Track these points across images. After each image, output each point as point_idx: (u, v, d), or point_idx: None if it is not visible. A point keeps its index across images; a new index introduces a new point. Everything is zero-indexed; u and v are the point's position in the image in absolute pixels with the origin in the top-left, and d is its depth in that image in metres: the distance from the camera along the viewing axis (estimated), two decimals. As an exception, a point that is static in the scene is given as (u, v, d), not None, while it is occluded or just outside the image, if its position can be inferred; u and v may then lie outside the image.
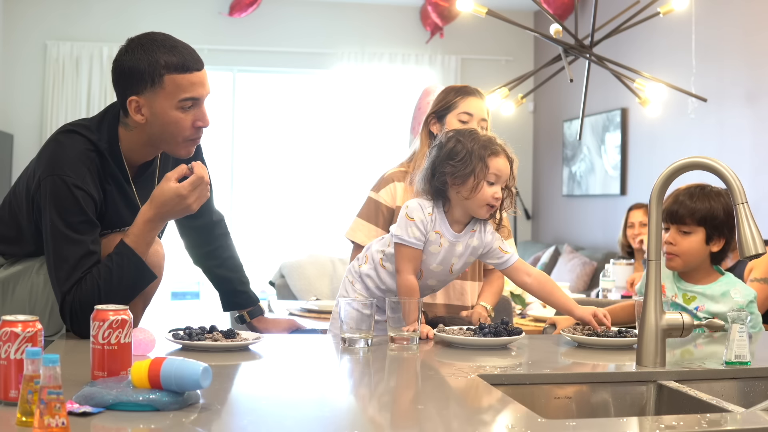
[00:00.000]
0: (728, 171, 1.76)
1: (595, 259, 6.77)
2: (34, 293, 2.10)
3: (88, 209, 2.01)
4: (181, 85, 2.02)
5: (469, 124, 2.63)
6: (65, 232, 1.99)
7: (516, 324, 3.39)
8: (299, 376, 1.75)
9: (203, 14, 8.00)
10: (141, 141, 2.11)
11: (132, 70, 2.02)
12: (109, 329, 1.52)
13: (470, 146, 2.22)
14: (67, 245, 1.99)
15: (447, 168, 2.22)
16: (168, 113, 2.03)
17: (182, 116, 2.05)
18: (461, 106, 2.67)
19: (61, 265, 1.99)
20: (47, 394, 1.16)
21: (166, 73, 2.00)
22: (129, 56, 2.03)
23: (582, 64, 4.84)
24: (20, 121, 7.74)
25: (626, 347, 2.07)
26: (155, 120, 2.05)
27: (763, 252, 1.72)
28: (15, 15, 7.76)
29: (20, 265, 2.14)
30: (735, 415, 1.46)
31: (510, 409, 1.45)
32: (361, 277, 2.35)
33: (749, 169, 5.35)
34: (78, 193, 2.00)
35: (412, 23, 8.35)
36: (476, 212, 2.26)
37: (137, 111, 2.04)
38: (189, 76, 2.03)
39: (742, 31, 5.54)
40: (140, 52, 2.02)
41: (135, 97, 2.03)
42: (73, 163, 2.02)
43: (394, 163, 2.86)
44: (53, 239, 2.01)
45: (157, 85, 2.01)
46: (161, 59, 2.01)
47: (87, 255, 2.00)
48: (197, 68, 2.05)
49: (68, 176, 2.00)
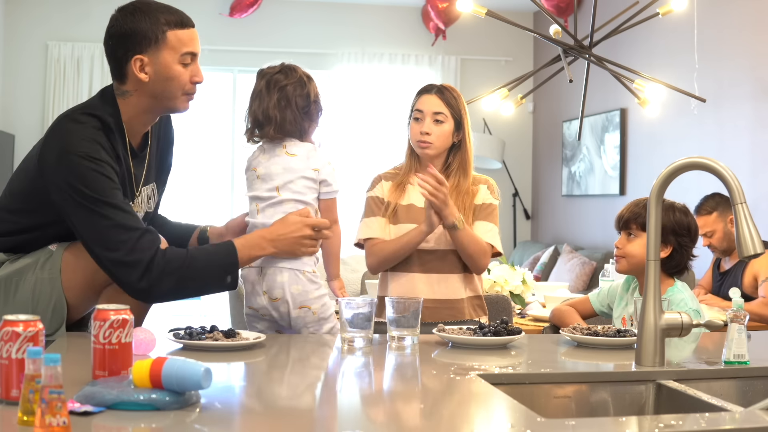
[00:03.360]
0: (727, 171, 1.77)
1: (594, 259, 6.77)
2: (37, 289, 2.11)
3: (111, 176, 2.05)
4: (182, 39, 2.13)
5: (421, 121, 2.74)
6: (103, 200, 2.00)
7: (516, 324, 3.39)
8: (299, 375, 1.76)
9: (203, 15, 8.00)
10: (140, 106, 2.16)
11: (134, 31, 2.10)
12: (110, 329, 1.52)
13: (312, 86, 2.41)
14: (111, 211, 2.00)
15: (312, 107, 2.41)
16: (171, 67, 2.12)
17: (183, 70, 2.14)
18: (415, 105, 2.79)
19: (119, 231, 2.00)
20: (48, 394, 1.16)
21: (168, 29, 2.11)
22: (128, 19, 2.12)
23: (581, 65, 4.84)
24: (21, 121, 7.75)
25: (625, 347, 2.08)
26: (158, 76, 2.12)
27: (761, 252, 1.72)
28: (16, 16, 7.76)
29: (24, 261, 2.14)
30: (734, 415, 1.47)
31: (510, 408, 1.45)
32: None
33: (748, 170, 5.36)
34: (101, 164, 2.03)
35: (413, 24, 8.35)
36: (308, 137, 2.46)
37: (141, 70, 2.11)
38: (188, 32, 2.15)
39: (741, 31, 5.55)
40: (139, 15, 2.11)
41: (140, 56, 2.10)
42: (88, 140, 2.05)
43: (394, 163, 2.92)
44: (91, 212, 2.00)
45: (161, 42, 2.11)
46: (161, 18, 2.11)
47: (133, 214, 2.05)
48: (192, 25, 2.18)
49: (86, 150, 2.02)
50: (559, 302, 3.22)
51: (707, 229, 4.20)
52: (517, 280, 4.04)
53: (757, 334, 2.37)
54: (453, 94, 2.77)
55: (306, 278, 2.34)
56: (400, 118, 7.78)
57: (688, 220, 2.67)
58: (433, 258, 2.71)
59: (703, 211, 4.23)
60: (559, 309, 2.97)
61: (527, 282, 4.07)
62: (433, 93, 2.77)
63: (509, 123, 7.69)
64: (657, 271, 1.86)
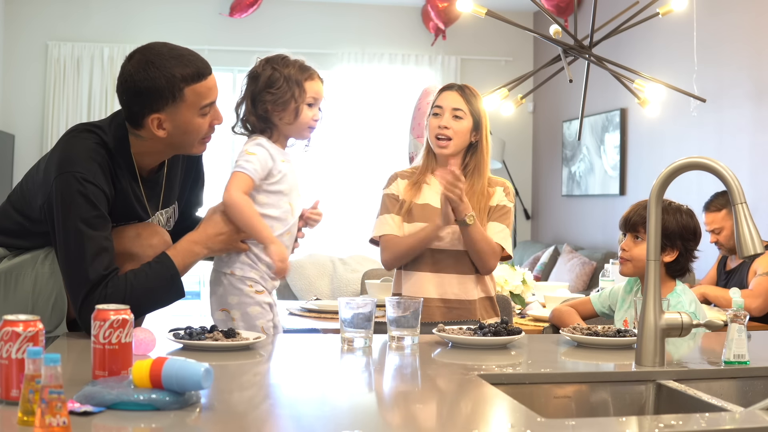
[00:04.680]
0: (727, 171, 1.77)
1: (594, 259, 6.77)
2: (38, 284, 2.11)
3: (100, 204, 2.02)
4: (200, 93, 2.07)
5: (440, 116, 2.75)
6: (79, 227, 1.99)
7: (516, 324, 3.39)
8: (299, 375, 1.76)
9: (203, 14, 8.01)
10: (154, 149, 2.14)
11: (150, 90, 2.03)
12: (110, 329, 1.52)
13: (286, 72, 2.30)
14: (83, 241, 1.99)
15: (267, 96, 2.28)
16: (191, 122, 2.08)
17: (203, 121, 2.11)
18: (435, 101, 2.81)
19: (78, 261, 1.99)
20: (48, 394, 1.16)
21: (185, 86, 2.04)
22: (141, 76, 2.03)
23: (581, 65, 4.84)
24: (21, 121, 7.75)
25: (626, 347, 2.08)
26: (177, 131, 2.09)
27: (762, 252, 1.72)
28: (16, 16, 7.76)
29: (25, 256, 2.14)
30: (734, 415, 1.47)
31: (510, 408, 1.45)
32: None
33: (748, 169, 5.36)
34: (90, 188, 2.01)
35: (413, 24, 8.35)
36: (300, 135, 2.36)
37: (159, 127, 2.07)
38: (205, 83, 2.08)
39: (742, 31, 5.55)
40: (153, 70, 2.02)
41: (157, 115, 2.05)
42: (84, 159, 2.03)
43: (394, 163, 2.94)
44: (66, 235, 2.00)
45: (178, 99, 2.04)
46: (177, 73, 2.03)
47: (102, 251, 2.01)
48: (208, 72, 2.10)
49: (79, 172, 2.01)
50: (559, 302, 3.22)
51: (715, 225, 4.21)
52: (517, 280, 4.04)
53: (757, 334, 2.37)
54: (473, 92, 2.80)
55: (227, 281, 2.26)
56: (400, 118, 7.80)
57: (694, 223, 2.67)
58: (446, 257, 2.72)
59: (713, 208, 4.24)
60: (559, 309, 2.97)
61: (527, 282, 4.07)
62: (453, 90, 2.80)
63: (509, 123, 7.68)
64: (657, 271, 1.86)
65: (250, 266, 2.25)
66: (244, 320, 2.25)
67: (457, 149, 2.75)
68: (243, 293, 2.25)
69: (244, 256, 2.25)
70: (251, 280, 2.25)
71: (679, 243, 2.63)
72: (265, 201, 2.27)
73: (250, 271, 2.25)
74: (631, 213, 2.71)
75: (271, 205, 2.27)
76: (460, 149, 2.76)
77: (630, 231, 2.70)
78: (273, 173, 2.28)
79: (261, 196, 2.27)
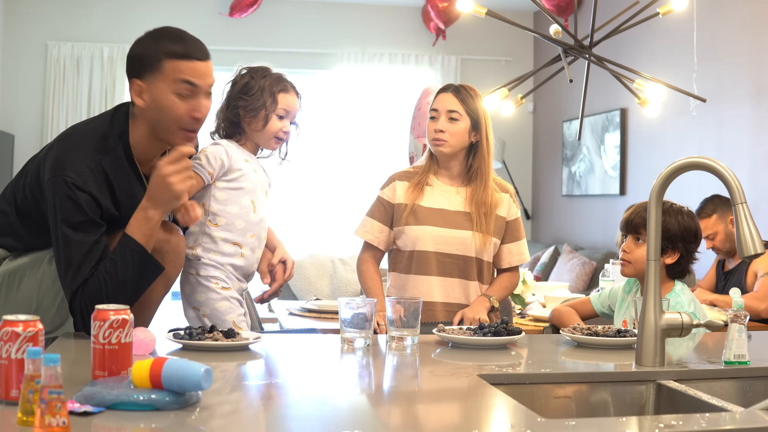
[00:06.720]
0: (727, 171, 1.77)
1: (594, 259, 6.77)
2: (44, 284, 2.12)
3: (89, 210, 2.03)
4: (179, 69, 2.08)
5: (436, 120, 2.77)
6: (67, 233, 2.01)
7: (516, 324, 3.39)
8: (299, 375, 1.76)
9: (203, 14, 8.01)
10: (145, 132, 2.14)
11: (138, 56, 2.11)
12: (109, 329, 1.52)
13: (262, 82, 2.40)
14: (71, 246, 2.01)
15: (240, 102, 2.39)
16: (165, 96, 2.08)
17: (177, 102, 2.08)
18: (432, 105, 2.82)
19: (67, 266, 2.02)
20: (48, 394, 1.16)
21: (165, 58, 2.07)
22: (138, 44, 2.13)
23: (581, 65, 4.84)
24: (21, 121, 7.74)
25: (626, 347, 2.08)
26: (153, 104, 2.09)
27: (762, 252, 1.72)
28: (16, 15, 7.76)
29: (29, 256, 2.15)
30: (734, 415, 1.47)
31: (510, 408, 1.45)
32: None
33: (748, 169, 5.36)
34: (79, 194, 2.01)
35: (413, 24, 8.35)
36: (266, 144, 2.45)
37: (138, 94, 2.10)
38: (189, 63, 2.08)
39: (742, 31, 5.55)
40: (149, 39, 2.12)
41: (138, 81, 2.09)
42: (77, 165, 2.04)
43: (394, 163, 2.96)
44: (56, 240, 2.04)
45: (156, 70, 2.08)
46: (164, 46, 2.08)
47: (90, 254, 2.01)
48: (198, 57, 2.10)
49: (70, 177, 2.01)
50: (559, 302, 3.22)
51: (708, 231, 4.20)
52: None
53: (757, 334, 2.37)
54: (470, 92, 2.80)
55: (195, 280, 2.35)
56: (401, 118, 7.80)
57: (695, 225, 2.67)
58: (452, 262, 2.73)
59: (703, 215, 4.23)
60: (559, 309, 2.96)
61: (527, 282, 4.07)
62: (449, 92, 2.81)
63: (509, 123, 7.67)
64: (657, 271, 1.86)
65: (215, 267, 2.34)
66: (213, 316, 2.33)
67: (455, 149, 2.76)
68: (209, 290, 2.33)
69: (207, 260, 2.32)
70: (216, 279, 2.34)
71: (681, 245, 2.62)
72: (224, 197, 2.35)
73: (215, 272, 2.34)
74: (632, 214, 2.70)
75: (231, 201, 2.35)
76: (458, 149, 2.77)
77: (631, 232, 2.69)
78: (232, 169, 2.35)
79: (219, 192, 2.35)
